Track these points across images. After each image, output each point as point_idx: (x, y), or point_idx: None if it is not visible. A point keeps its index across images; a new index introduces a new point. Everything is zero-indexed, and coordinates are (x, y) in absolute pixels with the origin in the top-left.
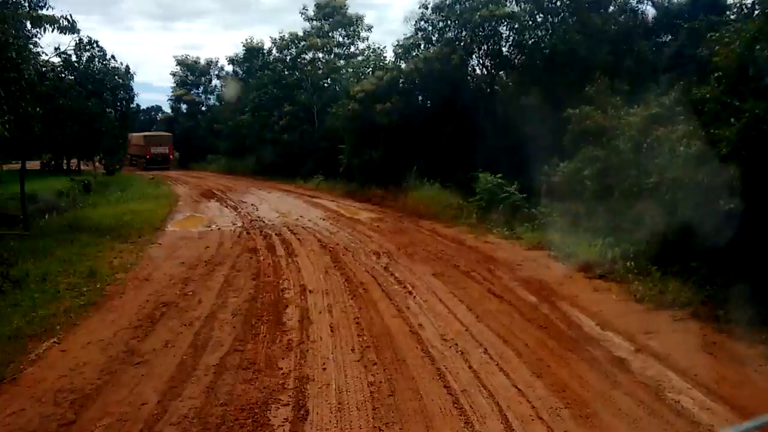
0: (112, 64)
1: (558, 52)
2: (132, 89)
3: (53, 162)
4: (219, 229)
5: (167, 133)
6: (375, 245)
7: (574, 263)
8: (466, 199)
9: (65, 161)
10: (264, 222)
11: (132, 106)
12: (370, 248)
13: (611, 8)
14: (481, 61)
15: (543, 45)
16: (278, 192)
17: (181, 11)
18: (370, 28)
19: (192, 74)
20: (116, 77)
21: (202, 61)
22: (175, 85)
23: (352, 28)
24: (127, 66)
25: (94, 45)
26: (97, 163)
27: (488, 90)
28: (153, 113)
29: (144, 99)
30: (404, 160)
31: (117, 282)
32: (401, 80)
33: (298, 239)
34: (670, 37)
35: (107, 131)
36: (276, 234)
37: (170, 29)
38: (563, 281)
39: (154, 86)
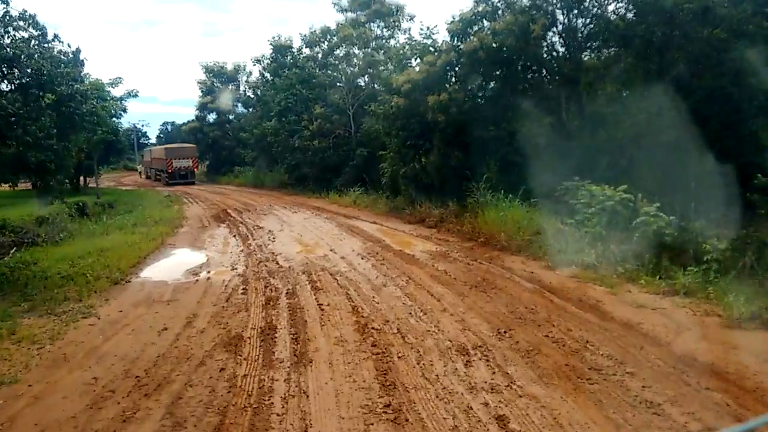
0: (58, 48)
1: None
2: (80, 80)
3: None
4: (208, 278)
5: (191, 145)
6: (451, 322)
7: None
8: (562, 220)
9: (77, 178)
10: (277, 263)
11: (112, 111)
12: (446, 331)
13: None
14: (565, 34)
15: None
16: (306, 211)
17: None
18: (411, 18)
19: (219, 81)
20: (61, 66)
21: (229, 67)
22: (201, 93)
23: (391, 19)
24: (77, 50)
25: (29, 19)
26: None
27: (574, 73)
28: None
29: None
30: (468, 168)
31: None
32: (460, 64)
33: (320, 306)
34: None
35: (34, 142)
36: (287, 292)
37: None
38: None
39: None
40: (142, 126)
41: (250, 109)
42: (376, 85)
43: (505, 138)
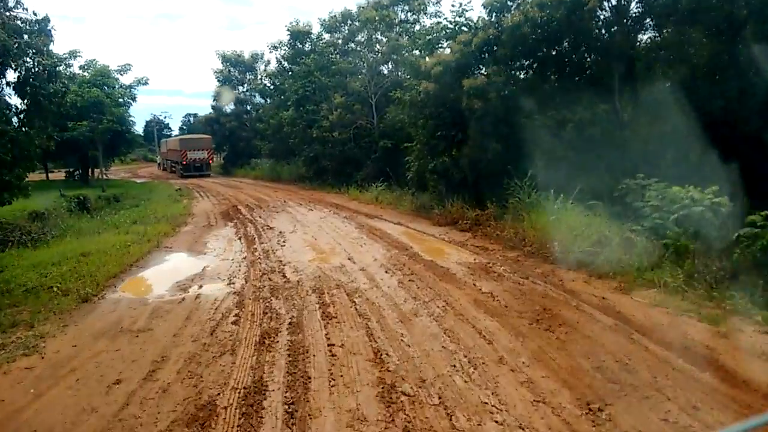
0: (22, 17)
1: None
2: (47, 54)
3: (76, 171)
4: (197, 296)
5: (206, 136)
6: (516, 386)
7: None
8: (626, 226)
9: (84, 169)
10: (283, 275)
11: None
12: (511, 406)
13: None
14: (620, 9)
15: None
16: (323, 208)
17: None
18: (438, 1)
19: (236, 69)
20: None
21: (247, 55)
22: (218, 83)
23: (416, 2)
24: (44, 19)
25: None
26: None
27: (630, 53)
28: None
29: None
30: (508, 162)
31: None
32: (500, 42)
33: (331, 349)
34: None
35: None
36: (290, 322)
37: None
38: None
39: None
40: (165, 118)
41: (268, 100)
42: (400, 73)
43: (552, 128)
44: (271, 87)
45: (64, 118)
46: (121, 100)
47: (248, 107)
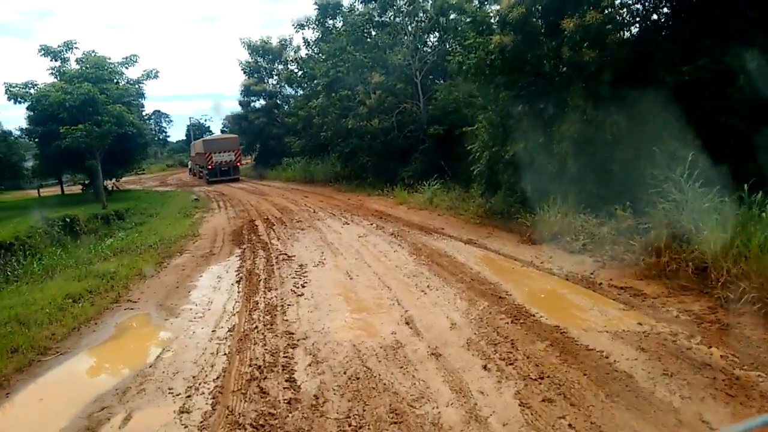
0: None
1: None
2: None
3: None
4: None
5: (232, 135)
6: None
7: None
8: None
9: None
10: (291, 376)
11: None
12: None
13: None
14: None
15: None
16: (362, 220)
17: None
18: None
19: (263, 59)
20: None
21: (274, 42)
22: (245, 75)
23: None
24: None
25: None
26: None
27: None
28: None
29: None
30: (640, 142)
31: None
32: None
33: None
34: None
35: None
36: None
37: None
38: None
39: None
40: (205, 120)
41: (299, 91)
42: (448, 44)
43: (709, 85)
44: (300, 74)
45: (55, 122)
46: (125, 96)
47: (278, 101)
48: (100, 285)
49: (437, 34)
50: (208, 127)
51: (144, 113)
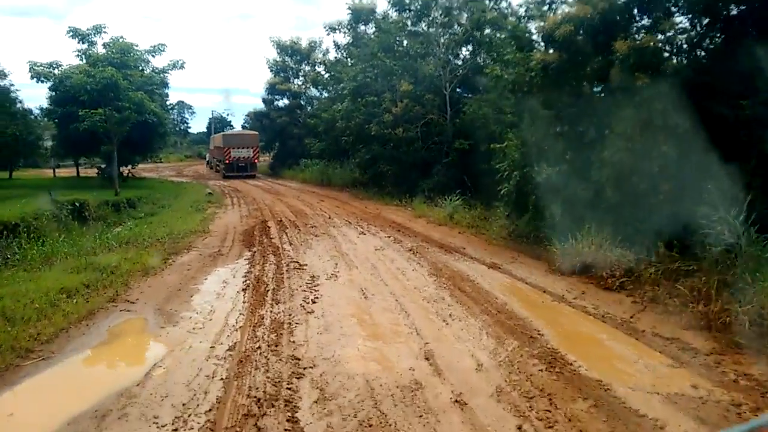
0: None
1: None
2: None
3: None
4: None
5: (252, 132)
6: None
7: None
8: None
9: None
10: (293, 414)
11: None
12: None
13: None
14: None
15: None
16: (380, 231)
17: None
18: None
19: (292, 59)
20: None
21: (304, 43)
22: (271, 73)
23: None
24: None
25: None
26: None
27: None
28: None
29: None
30: (686, 178)
31: None
32: None
33: None
34: None
35: None
36: None
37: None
38: None
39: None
40: (227, 115)
41: (324, 93)
42: (479, 57)
43: None
44: (327, 77)
45: (76, 104)
46: (148, 84)
47: (302, 101)
48: (98, 279)
49: (470, 47)
50: (230, 121)
51: (168, 103)
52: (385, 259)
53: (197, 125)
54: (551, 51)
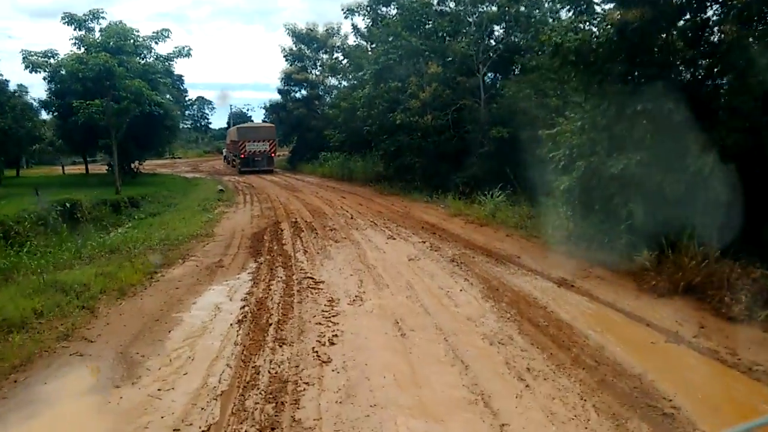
0: None
1: None
2: None
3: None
4: None
5: (268, 124)
6: None
7: None
8: None
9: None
10: None
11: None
12: None
13: None
14: None
15: None
16: (411, 234)
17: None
18: None
19: (308, 48)
20: None
21: (320, 29)
22: (286, 62)
23: None
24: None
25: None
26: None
27: None
28: None
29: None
30: None
31: None
32: None
33: None
34: None
35: None
36: None
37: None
38: None
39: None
40: (248, 110)
41: (343, 83)
42: (515, 36)
43: None
44: (346, 63)
45: (72, 95)
46: (150, 72)
47: (320, 92)
48: (57, 305)
49: (504, 24)
50: (250, 116)
51: (187, 99)
52: (423, 273)
53: (218, 121)
54: (628, 9)
